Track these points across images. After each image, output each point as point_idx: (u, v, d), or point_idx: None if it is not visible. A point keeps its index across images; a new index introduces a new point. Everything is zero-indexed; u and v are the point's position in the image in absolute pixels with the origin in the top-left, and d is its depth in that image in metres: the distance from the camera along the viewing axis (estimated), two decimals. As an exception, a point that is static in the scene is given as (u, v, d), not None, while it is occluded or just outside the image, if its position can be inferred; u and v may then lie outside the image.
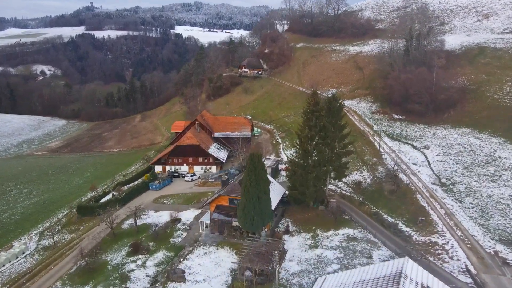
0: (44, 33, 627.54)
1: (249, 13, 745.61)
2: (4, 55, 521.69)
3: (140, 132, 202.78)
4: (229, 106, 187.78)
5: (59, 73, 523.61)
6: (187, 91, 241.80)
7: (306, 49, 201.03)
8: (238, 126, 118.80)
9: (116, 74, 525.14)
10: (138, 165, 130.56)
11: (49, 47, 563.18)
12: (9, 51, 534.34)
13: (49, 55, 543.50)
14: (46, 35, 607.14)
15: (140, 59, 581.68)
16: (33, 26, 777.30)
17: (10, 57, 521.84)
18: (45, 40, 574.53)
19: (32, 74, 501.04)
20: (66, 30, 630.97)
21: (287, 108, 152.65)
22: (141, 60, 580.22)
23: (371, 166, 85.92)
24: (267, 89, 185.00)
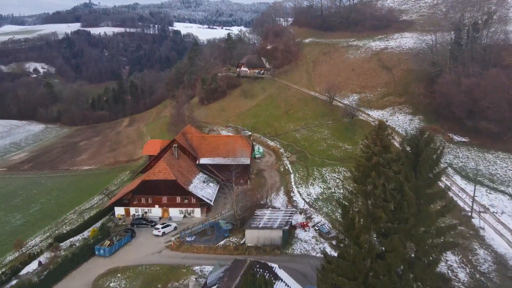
0: (39, 30, 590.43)
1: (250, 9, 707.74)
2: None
3: (121, 142, 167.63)
4: (225, 113, 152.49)
5: (53, 71, 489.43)
6: (178, 92, 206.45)
7: (316, 45, 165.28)
8: (232, 149, 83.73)
9: (112, 72, 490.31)
10: (102, 196, 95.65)
11: (43, 44, 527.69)
12: (0, 48, 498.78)
13: (42, 52, 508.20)
14: (41, 32, 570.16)
15: (137, 57, 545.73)
16: (30, 23, 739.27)
17: (2, 54, 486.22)
18: (39, 37, 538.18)
19: (25, 72, 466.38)
20: (62, 26, 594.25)
21: (296, 118, 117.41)
22: (138, 57, 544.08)
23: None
24: (271, 92, 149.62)
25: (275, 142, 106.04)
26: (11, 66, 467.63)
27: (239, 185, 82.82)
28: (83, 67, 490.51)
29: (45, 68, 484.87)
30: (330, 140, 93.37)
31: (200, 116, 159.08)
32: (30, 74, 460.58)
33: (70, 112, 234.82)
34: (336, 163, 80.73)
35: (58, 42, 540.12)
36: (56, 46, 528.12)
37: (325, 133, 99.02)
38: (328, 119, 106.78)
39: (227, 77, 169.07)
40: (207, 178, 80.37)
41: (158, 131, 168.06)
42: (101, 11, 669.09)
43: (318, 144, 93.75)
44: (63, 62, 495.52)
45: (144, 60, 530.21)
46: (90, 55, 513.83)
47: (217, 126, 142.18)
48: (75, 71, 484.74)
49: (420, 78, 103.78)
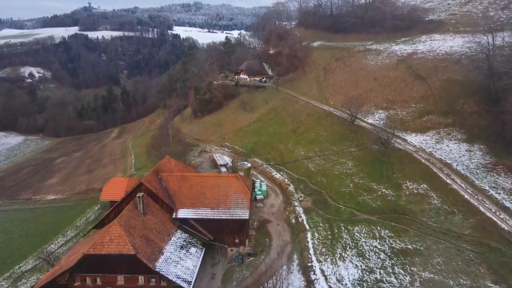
0: (36, 34, 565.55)
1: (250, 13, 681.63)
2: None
3: (101, 160, 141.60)
4: (221, 129, 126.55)
5: (48, 76, 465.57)
6: (171, 102, 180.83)
7: (327, 50, 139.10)
8: (225, 195, 57.60)
9: (110, 77, 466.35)
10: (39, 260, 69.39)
11: (39, 48, 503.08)
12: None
13: (38, 56, 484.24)
14: (38, 35, 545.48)
15: (135, 61, 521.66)
16: (29, 27, 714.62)
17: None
18: (35, 41, 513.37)
19: (20, 76, 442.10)
20: (60, 30, 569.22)
21: (308, 140, 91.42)
22: (136, 62, 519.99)
23: None
24: (274, 105, 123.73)
25: (282, 173, 79.88)
26: (5, 71, 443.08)
27: (234, 245, 57.13)
28: (79, 71, 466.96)
29: (41, 72, 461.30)
30: (358, 177, 67.17)
31: (192, 131, 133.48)
32: (25, 79, 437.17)
33: (54, 121, 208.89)
34: (374, 220, 54.59)
35: (54, 46, 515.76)
36: (52, 50, 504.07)
37: (348, 165, 72.87)
38: (350, 144, 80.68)
39: (223, 85, 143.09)
40: (187, 240, 54.26)
41: (144, 147, 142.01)
42: (100, 14, 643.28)
43: (340, 182, 67.60)
44: (59, 66, 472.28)
45: (143, 65, 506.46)
46: (87, 60, 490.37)
47: (210, 146, 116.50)
48: (72, 76, 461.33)
49: (469, 92, 77.78)
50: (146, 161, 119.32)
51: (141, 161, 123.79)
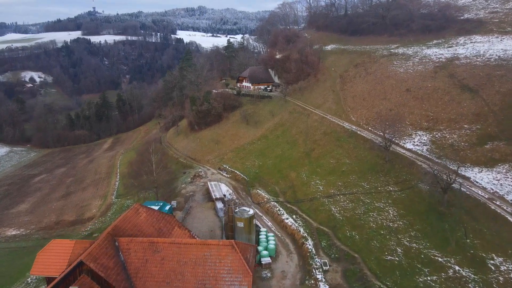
0: (39, 38, 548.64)
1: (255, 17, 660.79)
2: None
3: (83, 179, 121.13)
4: (219, 147, 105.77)
5: (50, 80, 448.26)
6: (166, 112, 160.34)
7: (343, 54, 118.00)
8: (213, 278, 36.40)
9: (112, 82, 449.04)
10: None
11: (41, 52, 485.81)
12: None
13: (40, 61, 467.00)
14: (40, 40, 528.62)
15: (138, 66, 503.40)
16: (34, 32, 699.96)
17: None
18: (36, 45, 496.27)
19: (20, 81, 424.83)
20: (62, 35, 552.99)
21: (327, 168, 70.19)
22: (139, 66, 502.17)
23: None
24: (282, 119, 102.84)
25: (295, 217, 58.57)
26: (6, 75, 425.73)
27: None
28: (81, 76, 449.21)
29: (42, 77, 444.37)
30: (408, 238, 45.55)
31: (187, 148, 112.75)
32: (25, 84, 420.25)
33: (42, 131, 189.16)
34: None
35: (56, 50, 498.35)
36: (54, 55, 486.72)
37: (389, 214, 51.41)
38: (386, 179, 59.29)
39: (223, 95, 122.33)
40: None
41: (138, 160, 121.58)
42: (103, 19, 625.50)
43: (382, 242, 46.08)
44: (60, 71, 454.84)
45: (145, 69, 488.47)
46: (89, 64, 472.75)
47: (206, 167, 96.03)
48: (73, 81, 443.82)
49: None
50: (132, 185, 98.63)
51: (126, 184, 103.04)
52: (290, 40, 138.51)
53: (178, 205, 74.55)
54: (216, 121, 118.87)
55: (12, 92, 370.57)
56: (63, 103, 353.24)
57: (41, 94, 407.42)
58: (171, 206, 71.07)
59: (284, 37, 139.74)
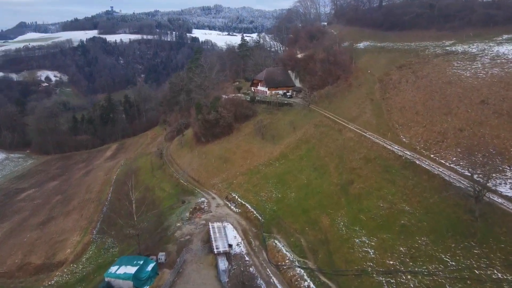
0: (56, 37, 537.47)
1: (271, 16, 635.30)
2: (8, 60, 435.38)
3: (72, 199, 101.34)
4: (228, 167, 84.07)
5: (65, 80, 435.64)
6: (172, 118, 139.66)
7: (380, 53, 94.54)
8: None
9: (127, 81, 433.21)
10: None
11: (57, 51, 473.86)
12: (13, 56, 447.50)
13: (56, 60, 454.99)
14: (57, 39, 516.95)
15: (153, 65, 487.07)
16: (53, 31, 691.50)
17: (15, 62, 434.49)
18: (53, 44, 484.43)
19: (36, 80, 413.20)
20: (79, 34, 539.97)
21: (377, 218, 47.50)
22: (154, 65, 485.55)
23: None
24: (306, 133, 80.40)
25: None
26: (22, 74, 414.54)
27: None
28: (96, 75, 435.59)
29: (58, 76, 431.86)
30: None
31: (190, 166, 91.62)
32: (41, 83, 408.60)
33: (42, 136, 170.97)
34: None
35: (72, 49, 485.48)
36: (70, 54, 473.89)
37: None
38: (486, 253, 36.30)
39: (234, 101, 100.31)
40: None
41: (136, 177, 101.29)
42: (119, 18, 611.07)
43: None
44: (76, 70, 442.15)
45: (160, 68, 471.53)
46: (104, 63, 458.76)
47: (211, 195, 75.14)
48: (88, 80, 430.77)
49: None
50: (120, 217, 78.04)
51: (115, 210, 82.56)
52: (314, 37, 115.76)
53: (168, 258, 53.52)
54: (226, 133, 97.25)
55: (28, 91, 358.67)
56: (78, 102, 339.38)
57: (56, 93, 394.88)
58: (156, 264, 50.15)
59: (307, 33, 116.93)
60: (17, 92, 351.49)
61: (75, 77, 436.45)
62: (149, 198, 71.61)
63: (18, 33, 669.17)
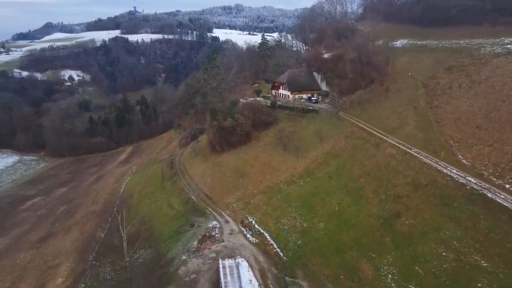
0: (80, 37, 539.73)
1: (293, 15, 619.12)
2: (33, 60, 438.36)
3: (76, 211, 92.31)
4: (245, 182, 72.40)
5: (88, 79, 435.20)
6: (186, 122, 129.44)
7: (422, 52, 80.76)
8: None
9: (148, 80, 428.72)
10: None
11: (80, 51, 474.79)
12: (38, 56, 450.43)
13: (79, 60, 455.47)
14: (81, 39, 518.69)
15: (173, 64, 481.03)
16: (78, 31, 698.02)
17: (40, 61, 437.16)
18: (76, 44, 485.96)
19: (59, 79, 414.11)
20: (102, 34, 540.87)
21: (436, 270, 35.09)
22: (174, 65, 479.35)
23: None
24: (335, 146, 68.02)
25: None
26: (46, 74, 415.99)
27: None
28: (118, 75, 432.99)
29: (80, 76, 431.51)
30: None
31: (203, 178, 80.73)
32: (64, 82, 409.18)
33: (57, 138, 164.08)
34: None
35: (95, 49, 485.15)
36: (93, 54, 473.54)
37: None
38: None
39: (253, 107, 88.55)
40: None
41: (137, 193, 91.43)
42: (141, 18, 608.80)
43: None
44: (98, 69, 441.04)
45: (181, 68, 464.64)
46: (126, 63, 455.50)
47: (225, 217, 63.97)
48: (110, 79, 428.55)
49: None
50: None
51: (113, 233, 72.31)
52: (342, 35, 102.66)
53: (168, 307, 42.55)
54: (243, 142, 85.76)
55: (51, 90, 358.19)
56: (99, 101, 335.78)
57: (78, 92, 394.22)
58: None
59: (334, 31, 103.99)
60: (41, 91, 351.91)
61: (97, 77, 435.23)
62: (147, 230, 60.86)
63: (44, 33, 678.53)
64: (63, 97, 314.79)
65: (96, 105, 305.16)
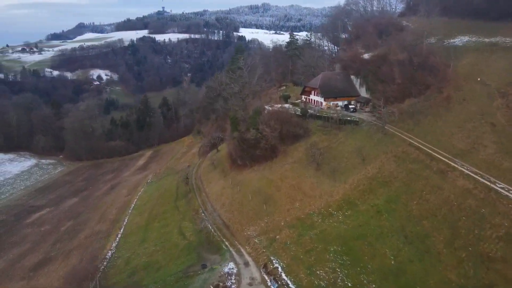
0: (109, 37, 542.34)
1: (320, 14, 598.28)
2: (64, 60, 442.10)
3: (81, 228, 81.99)
4: (269, 211, 58.87)
5: (115, 78, 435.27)
6: (207, 128, 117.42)
7: (493, 52, 64.49)
8: None
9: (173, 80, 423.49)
10: None
11: (109, 51, 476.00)
12: (69, 55, 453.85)
13: (107, 59, 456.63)
14: (109, 39, 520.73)
15: (199, 64, 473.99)
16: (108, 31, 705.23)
17: (70, 61, 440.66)
18: (105, 44, 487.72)
19: (88, 79, 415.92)
20: (131, 34, 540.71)
21: None
22: (200, 64, 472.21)
23: None
24: (382, 170, 53.29)
25: None
26: (76, 73, 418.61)
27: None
28: (144, 74, 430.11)
29: (109, 75, 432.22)
30: None
31: (221, 199, 68.15)
32: (93, 81, 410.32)
33: (76, 141, 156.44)
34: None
35: (123, 49, 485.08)
36: (121, 53, 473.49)
37: None
38: None
39: (280, 116, 74.64)
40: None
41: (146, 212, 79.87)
42: (169, 17, 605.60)
43: None
44: (125, 69, 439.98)
45: (207, 67, 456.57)
46: (153, 62, 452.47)
47: (244, 258, 50.89)
48: (137, 79, 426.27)
49: None
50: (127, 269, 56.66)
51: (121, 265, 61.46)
52: (384, 31, 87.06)
53: None
54: (268, 158, 72.36)
55: (80, 89, 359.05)
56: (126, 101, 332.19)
57: (106, 92, 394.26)
58: None
59: (375, 27, 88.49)
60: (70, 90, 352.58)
61: (125, 76, 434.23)
62: (152, 265, 48.52)
63: (77, 33, 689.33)
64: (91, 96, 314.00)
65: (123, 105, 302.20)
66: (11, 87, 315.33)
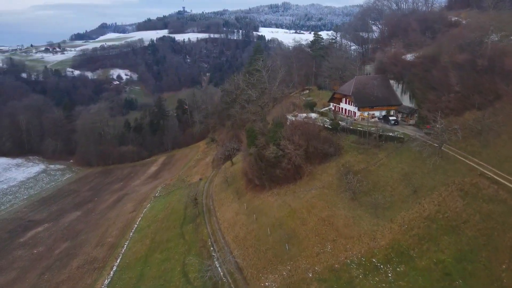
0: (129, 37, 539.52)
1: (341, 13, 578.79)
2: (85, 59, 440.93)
3: (75, 253, 71.13)
4: (291, 252, 45.81)
5: (135, 78, 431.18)
6: (221, 136, 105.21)
7: None
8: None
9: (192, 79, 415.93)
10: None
11: (129, 51, 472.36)
12: (90, 55, 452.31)
13: (128, 59, 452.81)
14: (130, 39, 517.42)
15: (218, 63, 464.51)
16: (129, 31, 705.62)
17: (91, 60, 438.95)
18: (126, 44, 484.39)
19: (109, 78, 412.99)
20: (151, 33, 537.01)
21: None
22: (219, 64, 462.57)
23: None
24: (443, 204, 39.43)
25: None
26: (97, 73, 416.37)
27: None
28: (163, 74, 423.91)
29: (128, 75, 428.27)
30: None
31: (234, 227, 55.47)
32: (113, 81, 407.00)
33: (87, 145, 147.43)
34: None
35: (143, 48, 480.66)
36: (140, 53, 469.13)
37: None
38: None
39: (305, 130, 61.09)
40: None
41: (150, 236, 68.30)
42: (189, 17, 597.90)
43: None
44: (145, 69, 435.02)
45: (226, 67, 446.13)
46: (172, 62, 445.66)
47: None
48: (156, 78, 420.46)
49: None
50: None
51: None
52: (429, 28, 72.33)
53: None
54: (291, 180, 59.44)
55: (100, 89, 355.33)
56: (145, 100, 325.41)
57: (126, 91, 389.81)
58: None
59: (419, 22, 73.76)
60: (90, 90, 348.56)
61: (144, 76, 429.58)
62: None
63: (99, 33, 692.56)
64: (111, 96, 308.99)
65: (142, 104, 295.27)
66: (33, 86, 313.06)
